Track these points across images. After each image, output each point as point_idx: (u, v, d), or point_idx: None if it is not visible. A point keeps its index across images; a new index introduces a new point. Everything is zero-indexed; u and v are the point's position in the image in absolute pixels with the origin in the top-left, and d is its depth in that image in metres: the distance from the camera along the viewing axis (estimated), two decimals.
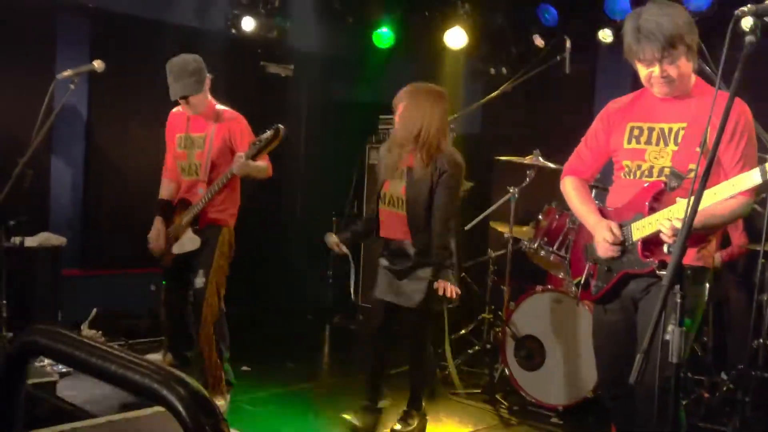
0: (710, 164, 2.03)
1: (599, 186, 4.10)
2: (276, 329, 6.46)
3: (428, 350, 3.98)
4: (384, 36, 6.87)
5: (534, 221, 4.83)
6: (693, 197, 2.00)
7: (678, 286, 1.99)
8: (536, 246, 4.66)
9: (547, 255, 4.63)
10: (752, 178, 2.44)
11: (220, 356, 4.21)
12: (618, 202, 2.91)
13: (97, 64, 4.12)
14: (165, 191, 4.44)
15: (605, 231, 2.83)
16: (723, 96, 2.21)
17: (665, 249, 2.57)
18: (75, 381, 4.07)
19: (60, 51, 5.76)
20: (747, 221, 4.54)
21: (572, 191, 3.10)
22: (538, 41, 6.16)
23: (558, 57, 5.10)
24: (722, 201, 2.55)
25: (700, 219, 2.55)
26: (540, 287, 4.84)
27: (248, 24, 6.47)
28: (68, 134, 5.95)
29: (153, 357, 4.60)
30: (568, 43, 4.98)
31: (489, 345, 5.09)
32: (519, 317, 4.78)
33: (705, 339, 4.70)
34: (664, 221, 2.59)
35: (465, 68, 7.17)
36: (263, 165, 4.13)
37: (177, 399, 1.11)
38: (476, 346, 5.35)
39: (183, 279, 4.27)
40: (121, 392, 1.26)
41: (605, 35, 5.82)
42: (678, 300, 2.01)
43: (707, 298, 2.92)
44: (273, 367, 5.31)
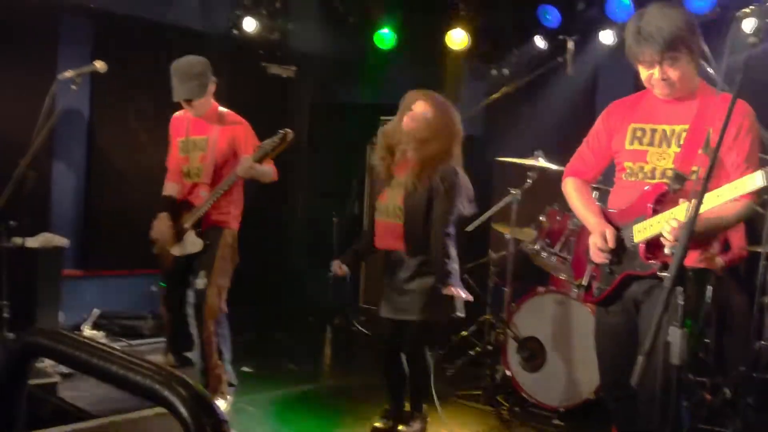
0: (712, 166, 2.03)
1: (601, 187, 4.09)
2: (277, 330, 6.45)
3: (427, 360, 3.96)
4: (385, 37, 6.86)
5: (536, 223, 4.82)
6: (695, 199, 2.00)
7: (680, 288, 1.99)
8: (538, 247, 4.65)
9: (549, 256, 4.62)
10: (755, 181, 2.43)
11: (221, 357, 4.20)
12: (620, 204, 2.90)
13: (99, 65, 4.11)
14: (169, 190, 4.43)
15: (598, 236, 2.83)
16: (726, 98, 2.20)
17: (667, 251, 2.57)
18: (76, 382, 4.06)
19: (61, 52, 5.76)
20: (747, 223, 4.53)
21: (573, 192, 3.10)
22: (540, 43, 6.16)
23: (559, 58, 5.10)
24: (725, 204, 2.55)
25: (705, 224, 2.56)
26: (541, 289, 4.83)
27: (250, 25, 6.47)
28: (70, 135, 5.96)
29: (154, 358, 4.59)
30: (570, 45, 4.98)
31: (490, 346, 5.08)
32: (520, 319, 4.78)
33: (707, 341, 4.68)
34: (665, 225, 2.59)
35: (466, 69, 7.17)
36: (268, 169, 4.12)
37: (178, 400, 1.11)
38: (477, 348, 5.34)
39: (184, 280, 4.27)
40: (123, 393, 1.26)
41: (607, 36, 5.82)
42: (680, 302, 2.01)
43: (709, 300, 2.91)
44: (274, 369, 5.31)
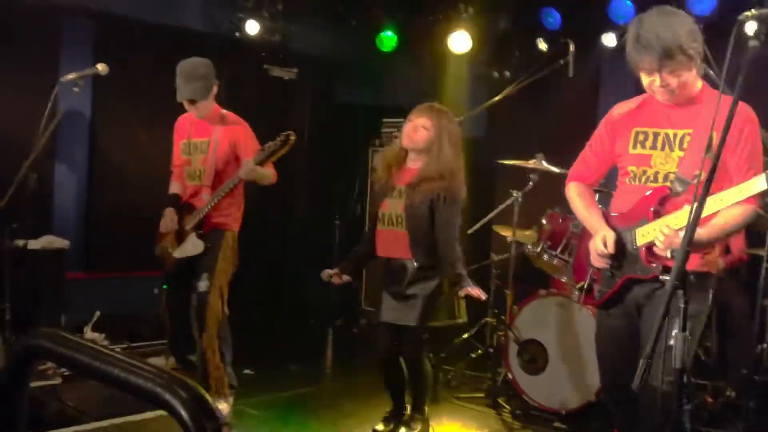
0: (713, 170, 2.03)
1: (603, 190, 4.08)
2: (279, 332, 6.45)
3: (426, 365, 3.96)
4: (387, 39, 6.86)
5: (537, 225, 4.82)
6: (696, 203, 2.00)
7: (681, 292, 1.99)
8: (539, 250, 4.65)
9: (551, 259, 4.62)
10: (758, 185, 2.43)
11: (223, 359, 4.20)
12: (622, 208, 2.90)
13: (101, 67, 4.11)
14: (175, 188, 4.44)
15: (598, 240, 2.83)
16: (728, 101, 2.20)
17: (668, 254, 2.57)
18: (78, 384, 4.06)
19: (63, 54, 5.76)
20: (747, 226, 4.52)
21: (576, 197, 3.10)
22: (542, 45, 6.15)
23: (561, 61, 5.09)
24: (731, 210, 2.55)
25: (710, 230, 2.56)
26: (543, 291, 4.83)
27: (252, 27, 6.46)
28: (72, 137, 5.96)
29: (156, 360, 4.60)
30: (572, 47, 4.97)
31: (492, 349, 5.08)
32: (522, 321, 4.77)
33: (708, 344, 4.68)
34: (659, 233, 2.59)
35: (468, 72, 7.16)
36: (269, 172, 4.14)
37: (179, 403, 1.11)
38: (479, 350, 5.33)
39: (186, 282, 4.27)
40: (124, 396, 1.26)
41: (609, 39, 5.82)
42: (681, 305, 2.01)
43: (710, 304, 2.91)
44: (275, 371, 5.30)
